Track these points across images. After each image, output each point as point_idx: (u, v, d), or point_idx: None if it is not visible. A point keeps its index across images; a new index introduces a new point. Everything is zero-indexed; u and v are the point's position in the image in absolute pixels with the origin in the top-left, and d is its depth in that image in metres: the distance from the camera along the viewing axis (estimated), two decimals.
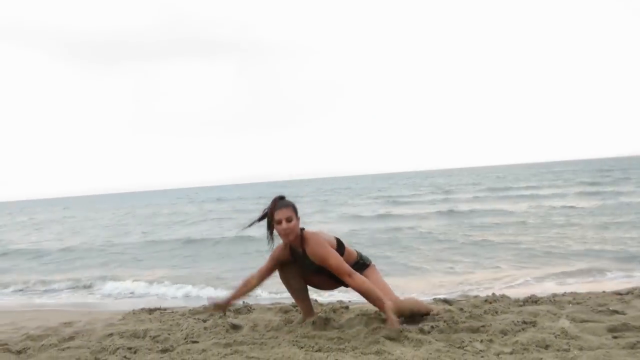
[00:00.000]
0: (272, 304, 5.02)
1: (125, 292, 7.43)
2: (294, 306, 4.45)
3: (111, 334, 3.73)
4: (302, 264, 3.44)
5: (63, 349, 3.40)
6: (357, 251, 3.59)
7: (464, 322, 3.36)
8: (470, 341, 2.93)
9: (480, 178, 49.93)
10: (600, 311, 3.61)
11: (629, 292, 4.40)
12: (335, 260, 3.23)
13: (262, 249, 3.71)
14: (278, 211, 3.21)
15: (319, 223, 15.87)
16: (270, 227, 3.32)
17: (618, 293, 4.38)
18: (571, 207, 15.52)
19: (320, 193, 42.06)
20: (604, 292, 4.60)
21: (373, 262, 3.65)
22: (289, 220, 3.21)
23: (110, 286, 7.77)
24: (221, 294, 6.30)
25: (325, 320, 3.57)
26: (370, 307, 4.00)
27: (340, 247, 3.44)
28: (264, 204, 3.42)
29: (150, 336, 3.57)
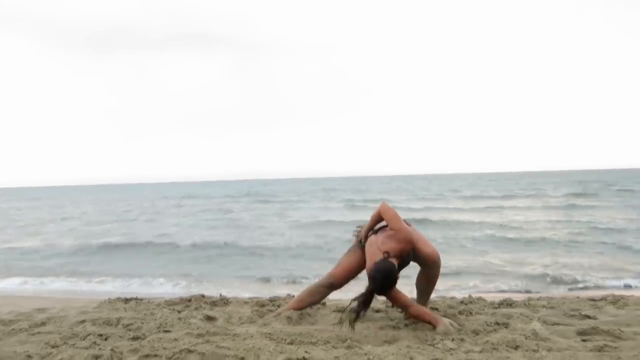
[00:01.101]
0: (249, 298, 5.00)
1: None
2: (271, 300, 4.45)
3: (84, 321, 3.68)
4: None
5: (33, 334, 3.36)
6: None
7: None
8: (442, 339, 2.96)
9: (466, 185, 50.10)
10: (572, 315, 3.66)
11: (603, 298, 4.46)
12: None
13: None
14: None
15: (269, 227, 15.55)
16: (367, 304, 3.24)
17: (592, 299, 4.44)
18: (526, 220, 15.29)
19: (293, 194, 41.56)
20: (578, 297, 4.66)
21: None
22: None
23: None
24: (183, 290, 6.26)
25: (300, 315, 3.58)
26: (346, 304, 4.00)
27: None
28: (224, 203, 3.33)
29: (123, 324, 3.53)
